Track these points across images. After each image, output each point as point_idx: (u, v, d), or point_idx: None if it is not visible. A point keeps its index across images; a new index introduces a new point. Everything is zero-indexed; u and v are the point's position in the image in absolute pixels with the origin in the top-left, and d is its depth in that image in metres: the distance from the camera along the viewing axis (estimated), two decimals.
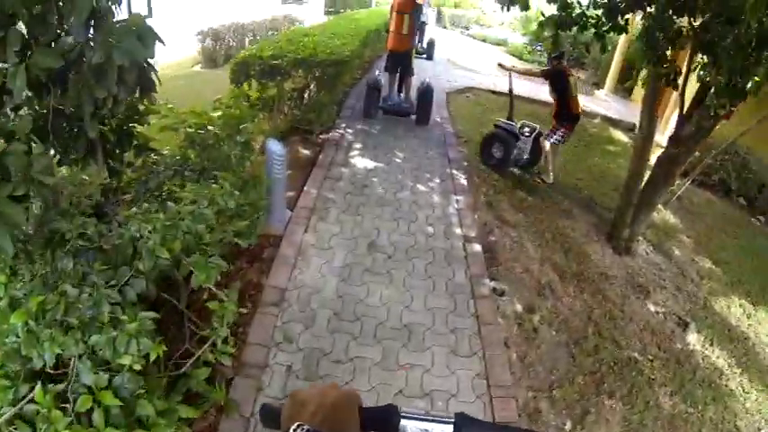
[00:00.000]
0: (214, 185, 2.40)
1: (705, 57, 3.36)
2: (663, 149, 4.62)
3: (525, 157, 5.73)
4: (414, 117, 6.67)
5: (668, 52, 3.60)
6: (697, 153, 4.66)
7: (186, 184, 2.46)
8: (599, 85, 12.07)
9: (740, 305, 4.57)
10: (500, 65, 6.14)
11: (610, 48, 3.54)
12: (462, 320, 3.24)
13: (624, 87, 11.44)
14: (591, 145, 7.89)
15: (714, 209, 6.70)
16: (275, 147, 3.50)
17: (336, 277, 3.42)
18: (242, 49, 10.32)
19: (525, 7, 3.85)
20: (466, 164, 5.68)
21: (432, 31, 12.67)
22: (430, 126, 6.73)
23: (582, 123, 8.44)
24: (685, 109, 4.30)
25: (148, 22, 1.87)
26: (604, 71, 11.75)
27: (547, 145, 5.50)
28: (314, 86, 5.09)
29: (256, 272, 3.46)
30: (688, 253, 5.29)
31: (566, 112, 5.50)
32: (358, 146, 5.64)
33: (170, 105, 3.38)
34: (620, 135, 8.76)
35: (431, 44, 11.27)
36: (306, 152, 5.29)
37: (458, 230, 4.21)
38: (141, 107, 2.76)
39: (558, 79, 5.40)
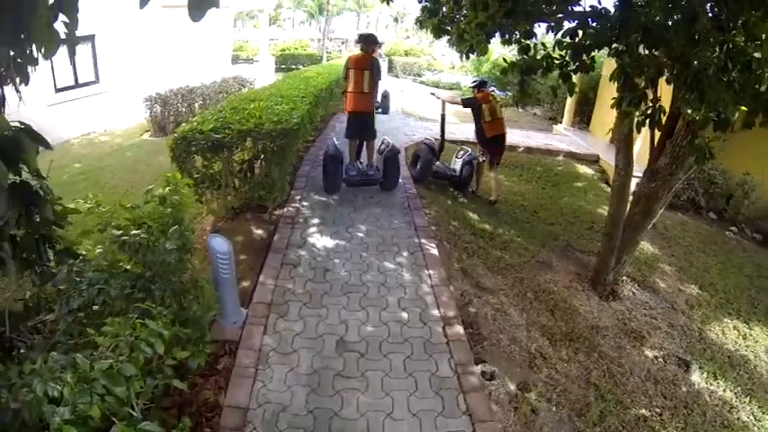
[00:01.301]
0: (140, 323, 1.94)
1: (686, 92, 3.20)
2: (638, 186, 4.46)
3: (455, 175, 6.64)
4: (380, 183, 6.12)
5: (648, 92, 3.43)
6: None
7: (107, 320, 1.99)
8: (556, 119, 12.21)
9: (734, 327, 4.60)
10: (432, 93, 7.35)
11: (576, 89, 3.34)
12: (453, 421, 2.79)
13: (582, 120, 11.62)
14: (559, 185, 7.82)
15: (688, 229, 6.77)
16: (219, 245, 3.06)
17: (304, 387, 2.93)
18: (191, 116, 10.06)
19: (485, 53, 3.76)
20: (434, 228, 5.29)
21: (385, 82, 12.59)
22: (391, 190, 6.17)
23: (547, 162, 8.63)
24: (656, 141, 4.20)
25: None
26: (561, 105, 11.89)
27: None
28: (262, 160, 4.68)
29: (213, 387, 2.94)
30: (673, 283, 5.24)
31: (481, 136, 6.33)
32: (315, 221, 5.15)
33: (94, 202, 2.94)
34: (585, 169, 8.76)
35: (385, 96, 10.65)
36: (259, 232, 4.84)
37: (435, 312, 3.76)
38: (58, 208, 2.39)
39: (472, 107, 6.27)
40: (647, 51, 3.28)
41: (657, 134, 4.19)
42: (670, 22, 3.05)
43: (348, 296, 3.88)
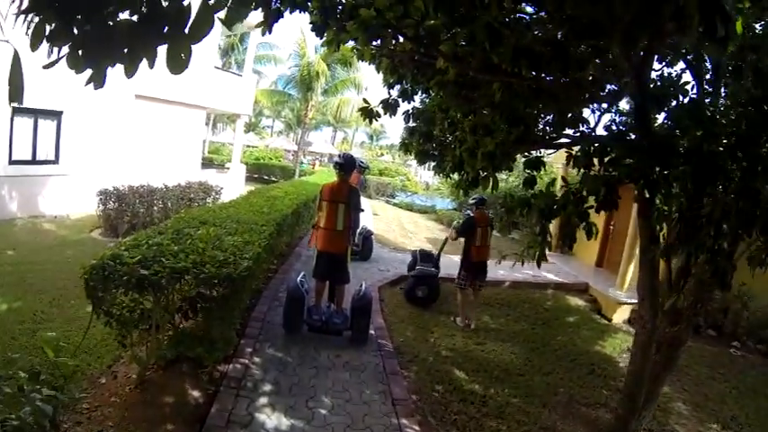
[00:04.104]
0: None
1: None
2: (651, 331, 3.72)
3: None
4: (347, 333, 5.20)
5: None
6: None
7: None
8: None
9: None
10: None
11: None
12: None
13: (564, 242, 11.20)
14: (549, 322, 7.11)
15: (692, 354, 6.19)
16: None
17: None
18: (148, 218, 9.15)
19: (494, 187, 3.40)
20: (415, 398, 4.29)
21: (365, 216, 10.55)
22: (361, 345, 5.19)
23: (535, 297, 7.97)
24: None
25: None
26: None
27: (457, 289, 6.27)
28: (200, 311, 3.64)
29: None
30: (693, 426, 4.68)
31: (467, 260, 6.12)
32: (267, 388, 4.05)
33: None
34: (576, 300, 8.19)
35: (367, 237, 9.14)
36: (195, 395, 3.76)
37: None
38: None
39: (469, 228, 6.08)
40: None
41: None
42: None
43: None
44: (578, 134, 3.55)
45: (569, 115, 3.52)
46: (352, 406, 3.95)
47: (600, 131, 3.62)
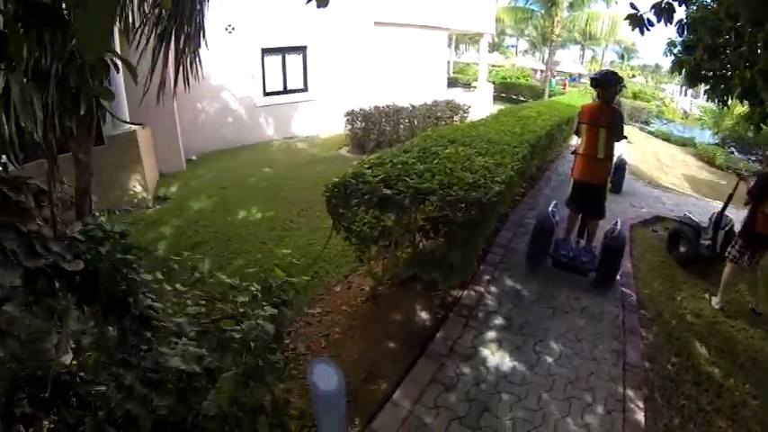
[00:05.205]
0: None
1: None
2: None
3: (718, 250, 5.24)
4: (592, 275, 4.57)
5: None
6: None
7: None
8: None
9: None
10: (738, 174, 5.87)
11: None
12: None
13: None
14: None
15: None
16: (323, 378, 1.90)
17: None
18: (395, 136, 9.51)
19: None
20: (648, 366, 3.58)
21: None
22: (605, 290, 4.55)
23: None
24: None
25: None
26: None
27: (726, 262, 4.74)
28: (441, 235, 3.39)
29: None
30: None
31: (750, 230, 4.56)
32: (498, 321, 3.75)
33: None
34: None
35: (620, 168, 7.75)
36: (423, 316, 3.70)
37: None
38: None
39: (765, 188, 4.42)
40: None
41: None
42: None
43: None
44: None
45: None
46: (581, 360, 3.45)
47: None
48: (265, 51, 9.92)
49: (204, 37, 3.43)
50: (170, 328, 1.71)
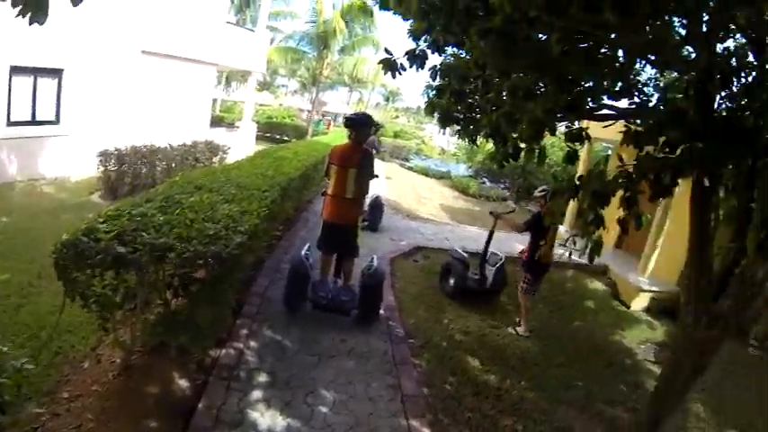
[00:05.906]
0: None
1: None
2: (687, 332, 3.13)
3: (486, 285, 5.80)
4: (354, 313, 4.68)
5: None
6: None
7: None
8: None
9: None
10: (491, 213, 6.01)
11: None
12: None
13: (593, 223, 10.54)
14: (566, 307, 6.70)
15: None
16: None
17: None
18: (151, 180, 8.62)
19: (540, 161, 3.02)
20: (426, 392, 3.87)
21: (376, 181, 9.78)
22: (370, 326, 4.70)
23: (554, 278, 7.32)
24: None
25: None
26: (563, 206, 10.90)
27: (519, 294, 5.37)
28: (182, 297, 3.15)
29: None
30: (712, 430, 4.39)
31: (533, 261, 5.21)
32: (263, 379, 3.61)
33: None
34: (595, 284, 7.82)
35: (376, 206, 8.14)
36: (182, 384, 3.36)
37: None
38: None
39: (536, 226, 5.14)
40: None
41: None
42: None
43: None
44: (633, 105, 2.97)
45: (629, 78, 2.94)
46: (356, 403, 3.51)
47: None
48: (14, 70, 8.03)
49: None
50: None
